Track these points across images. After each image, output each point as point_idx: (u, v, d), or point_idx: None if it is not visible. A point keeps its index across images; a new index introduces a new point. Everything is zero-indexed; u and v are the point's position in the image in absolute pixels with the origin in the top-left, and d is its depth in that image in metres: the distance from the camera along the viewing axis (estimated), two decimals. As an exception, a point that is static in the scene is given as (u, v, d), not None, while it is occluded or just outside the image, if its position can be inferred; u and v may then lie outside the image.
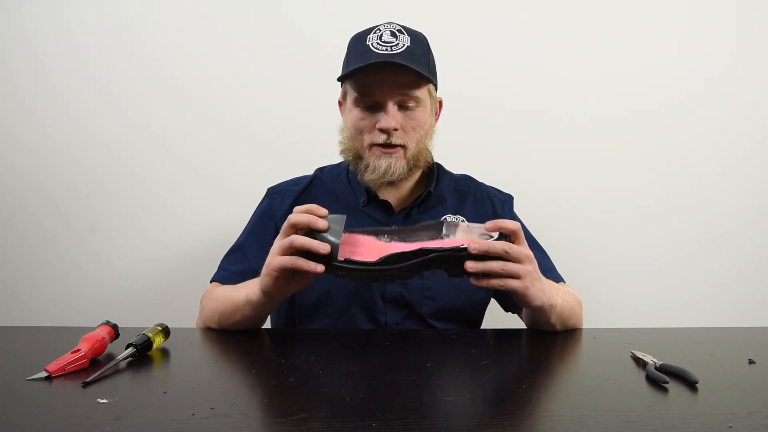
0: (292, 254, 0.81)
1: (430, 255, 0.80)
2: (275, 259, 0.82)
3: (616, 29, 1.57)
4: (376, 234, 0.87)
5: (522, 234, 0.83)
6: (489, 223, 0.82)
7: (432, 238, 0.87)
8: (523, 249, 0.82)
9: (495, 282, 0.80)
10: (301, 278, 0.86)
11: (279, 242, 0.83)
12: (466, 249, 0.78)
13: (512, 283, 0.81)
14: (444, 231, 0.87)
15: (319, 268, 0.78)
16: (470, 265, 0.79)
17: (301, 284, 0.87)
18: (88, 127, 1.52)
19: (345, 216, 0.83)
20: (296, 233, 0.82)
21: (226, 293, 0.97)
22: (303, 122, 1.53)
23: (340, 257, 0.80)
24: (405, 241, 0.87)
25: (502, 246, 0.79)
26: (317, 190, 1.15)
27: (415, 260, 0.80)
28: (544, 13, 1.56)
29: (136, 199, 1.54)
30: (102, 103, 1.52)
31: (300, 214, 0.82)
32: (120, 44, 1.52)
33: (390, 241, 0.87)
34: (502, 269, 0.80)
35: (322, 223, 0.80)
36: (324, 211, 0.82)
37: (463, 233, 0.86)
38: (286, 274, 0.83)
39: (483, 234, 0.85)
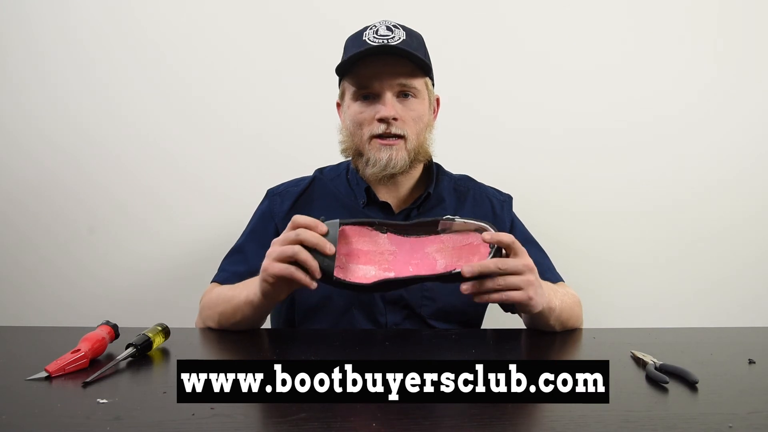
0: (290, 263, 0.81)
1: (424, 281, 0.85)
2: (272, 265, 0.82)
3: (617, 29, 1.57)
4: (371, 225, 0.87)
5: (517, 246, 0.82)
6: (486, 235, 0.82)
7: (428, 234, 0.88)
8: (519, 261, 0.82)
9: (496, 297, 0.82)
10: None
11: (279, 248, 0.82)
12: (459, 273, 0.80)
13: (514, 295, 0.82)
14: (440, 228, 0.88)
15: (314, 285, 0.81)
16: (465, 288, 0.80)
17: (300, 285, 0.87)
18: (87, 129, 1.52)
19: (338, 222, 0.83)
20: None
21: (226, 293, 0.97)
22: (302, 123, 1.53)
23: (338, 263, 0.83)
24: (400, 234, 0.88)
25: (495, 264, 0.80)
26: (317, 192, 1.15)
27: (408, 284, 0.86)
28: (546, 11, 1.56)
29: (136, 200, 1.54)
30: (100, 104, 1.52)
31: (309, 233, 0.80)
32: (119, 46, 1.52)
33: (386, 232, 0.88)
34: (499, 285, 0.80)
35: (329, 249, 0.80)
36: (324, 228, 0.82)
37: (459, 229, 0.88)
38: (283, 279, 0.83)
39: (479, 229, 0.86)
